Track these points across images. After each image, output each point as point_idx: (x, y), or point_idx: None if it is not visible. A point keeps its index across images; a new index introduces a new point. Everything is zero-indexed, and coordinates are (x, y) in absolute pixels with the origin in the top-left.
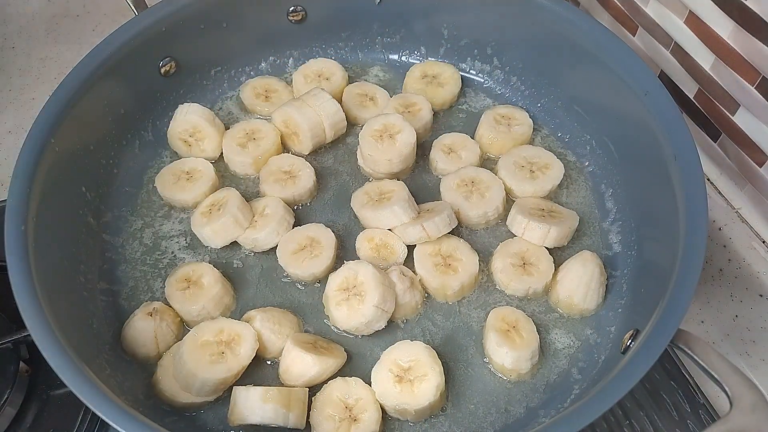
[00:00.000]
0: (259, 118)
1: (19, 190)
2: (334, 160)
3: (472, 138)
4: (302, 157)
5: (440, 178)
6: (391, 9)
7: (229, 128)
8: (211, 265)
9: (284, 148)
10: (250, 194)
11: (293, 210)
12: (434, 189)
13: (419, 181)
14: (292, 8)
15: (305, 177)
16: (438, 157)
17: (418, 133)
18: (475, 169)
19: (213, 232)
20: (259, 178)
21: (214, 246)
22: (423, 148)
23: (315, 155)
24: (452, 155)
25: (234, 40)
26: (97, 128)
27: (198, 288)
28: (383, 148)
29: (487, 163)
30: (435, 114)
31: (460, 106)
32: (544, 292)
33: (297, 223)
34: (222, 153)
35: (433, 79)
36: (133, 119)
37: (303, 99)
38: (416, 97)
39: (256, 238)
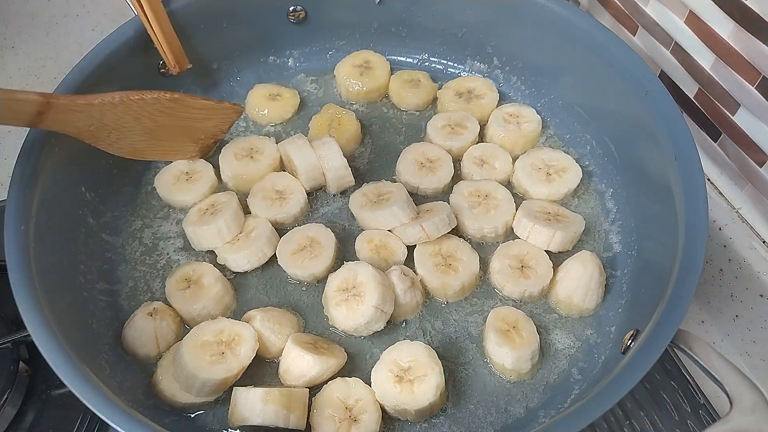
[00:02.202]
0: (263, 131)
1: (19, 190)
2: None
3: (482, 139)
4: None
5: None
6: (392, 9)
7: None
8: (212, 265)
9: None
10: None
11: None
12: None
13: None
14: (292, 8)
15: (293, 202)
16: (473, 171)
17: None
18: (496, 185)
19: (194, 235)
20: (244, 197)
21: (194, 248)
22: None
23: None
24: (486, 166)
25: (234, 39)
26: None
27: (198, 288)
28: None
29: None
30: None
31: None
32: (540, 296)
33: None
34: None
35: (470, 94)
36: None
37: (313, 142)
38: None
39: (226, 257)
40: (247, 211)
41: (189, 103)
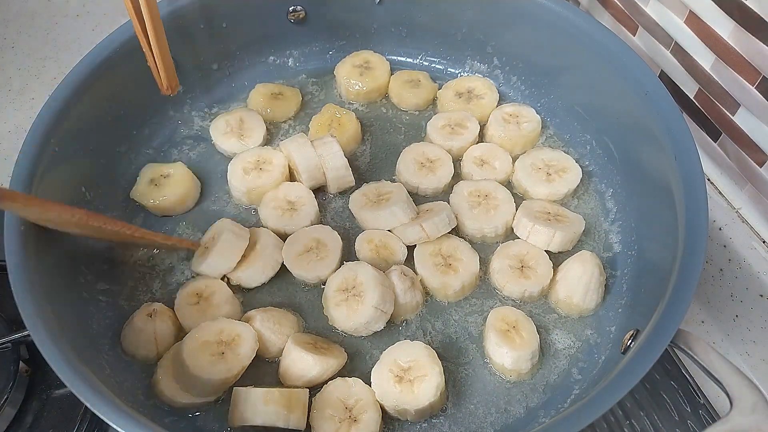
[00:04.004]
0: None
1: (19, 190)
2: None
3: (482, 139)
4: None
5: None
6: (392, 9)
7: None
8: (224, 283)
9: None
10: (249, 223)
11: None
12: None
13: None
14: (292, 8)
15: (304, 215)
16: (473, 171)
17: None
18: (496, 185)
19: (209, 268)
20: (253, 212)
21: (218, 275)
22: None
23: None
24: (486, 166)
25: (234, 40)
26: (97, 128)
27: (207, 305)
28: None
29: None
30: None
31: None
32: (540, 296)
33: None
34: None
35: (470, 94)
36: (132, 119)
37: (314, 142)
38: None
39: (240, 276)
40: (253, 222)
41: (148, 239)
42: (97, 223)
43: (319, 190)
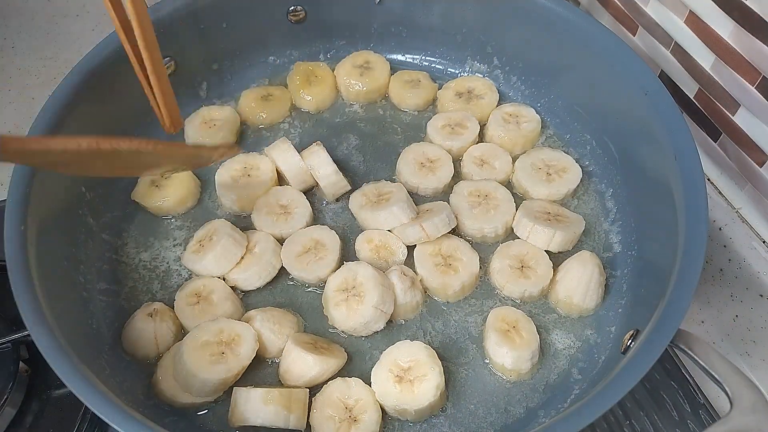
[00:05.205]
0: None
1: (19, 190)
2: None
3: (482, 139)
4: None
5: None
6: (392, 9)
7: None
8: (223, 281)
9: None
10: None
11: None
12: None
13: None
14: (292, 8)
15: (299, 216)
16: (473, 171)
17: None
18: (496, 185)
19: (202, 269)
20: (244, 217)
21: (210, 276)
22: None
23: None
24: (486, 166)
25: (234, 40)
26: (97, 129)
27: (207, 304)
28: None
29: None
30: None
31: None
32: (540, 296)
33: None
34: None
35: (470, 94)
36: (132, 119)
37: (301, 153)
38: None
39: (236, 279)
40: (246, 228)
41: (175, 152)
42: (110, 146)
43: (317, 195)
